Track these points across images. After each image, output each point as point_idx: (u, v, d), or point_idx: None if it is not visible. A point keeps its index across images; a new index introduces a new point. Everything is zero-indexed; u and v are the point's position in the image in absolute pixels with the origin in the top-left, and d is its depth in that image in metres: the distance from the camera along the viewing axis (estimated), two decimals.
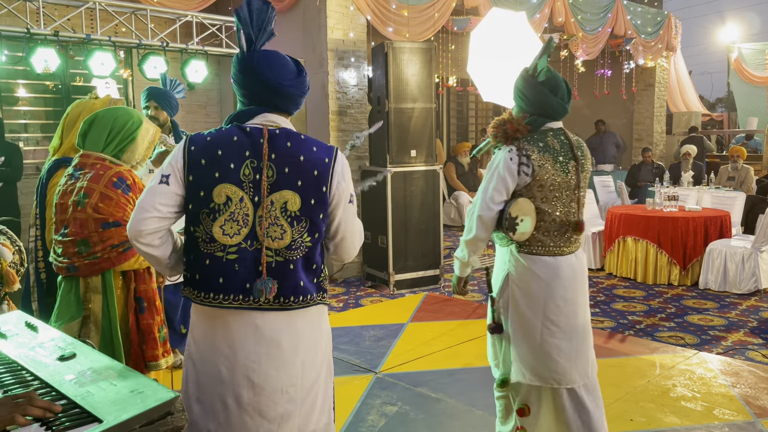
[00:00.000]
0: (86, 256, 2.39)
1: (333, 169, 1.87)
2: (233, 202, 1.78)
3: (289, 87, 1.88)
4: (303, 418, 1.89)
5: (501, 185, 2.49)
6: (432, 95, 6.43)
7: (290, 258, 1.82)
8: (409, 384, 3.97)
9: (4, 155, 5.84)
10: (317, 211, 1.84)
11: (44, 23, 4.73)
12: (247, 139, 1.82)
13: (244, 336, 1.82)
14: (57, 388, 1.52)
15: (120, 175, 2.46)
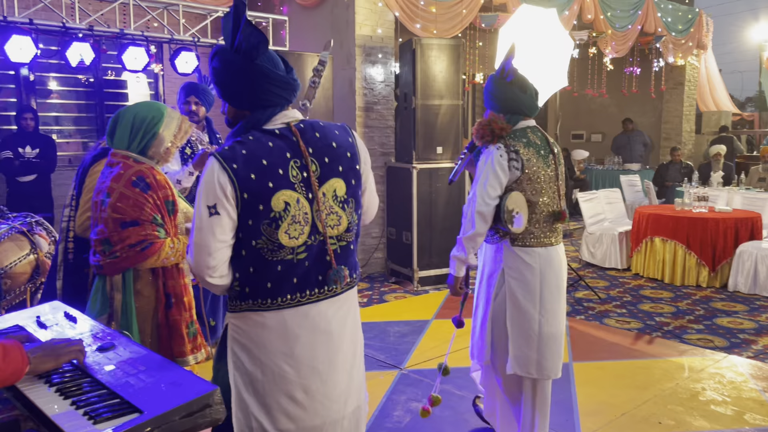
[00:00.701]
0: (108, 255, 2.41)
1: (357, 146, 1.95)
2: (292, 206, 1.79)
3: (293, 77, 1.87)
4: (356, 391, 2.00)
5: (495, 181, 2.61)
6: (459, 92, 6.41)
7: (349, 240, 1.92)
8: (435, 381, 3.97)
9: (39, 147, 5.97)
10: (358, 189, 1.94)
11: (79, 18, 4.81)
12: (282, 141, 1.81)
13: (301, 331, 1.84)
14: (97, 378, 1.56)
15: (140, 173, 2.46)
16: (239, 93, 1.82)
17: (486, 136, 2.68)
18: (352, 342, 1.98)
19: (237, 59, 1.79)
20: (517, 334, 2.73)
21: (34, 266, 3.19)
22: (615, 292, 6.29)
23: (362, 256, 6.91)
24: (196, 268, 1.78)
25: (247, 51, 1.77)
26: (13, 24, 4.54)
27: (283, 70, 1.86)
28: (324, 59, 2.42)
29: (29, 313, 2.06)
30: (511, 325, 2.74)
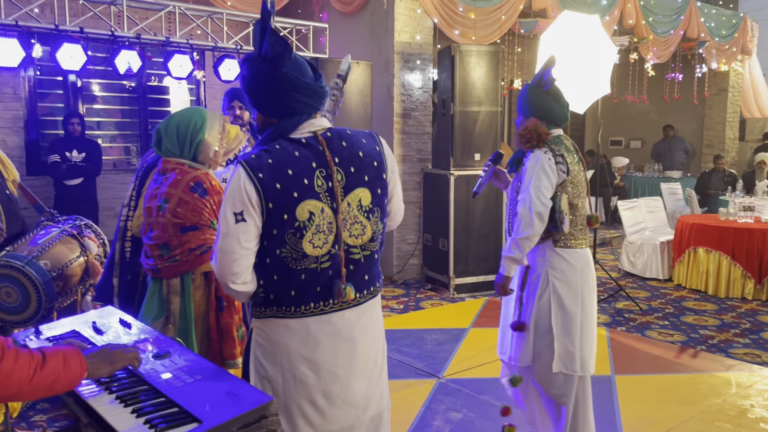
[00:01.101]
0: (167, 259, 2.46)
1: (384, 154, 1.93)
2: (316, 215, 1.79)
3: (321, 85, 1.87)
4: (378, 398, 2.01)
5: (547, 182, 2.71)
6: (498, 98, 6.37)
7: (374, 249, 1.92)
8: (474, 391, 3.95)
9: (85, 152, 6.13)
10: (384, 199, 1.93)
11: (127, 26, 4.92)
12: (308, 151, 1.81)
13: (323, 338, 1.86)
14: (155, 386, 1.59)
15: (197, 179, 2.50)
16: (266, 101, 1.83)
17: (532, 140, 2.78)
18: (374, 349, 1.98)
19: (264, 67, 1.79)
20: (563, 333, 2.81)
21: (84, 268, 3.25)
22: (657, 303, 6.16)
23: (398, 262, 6.91)
24: (219, 274, 1.79)
25: (273, 59, 1.78)
26: (64, 32, 4.68)
27: (311, 77, 1.85)
28: (341, 74, 2.42)
29: (85, 318, 2.11)
30: (555, 324, 2.81)
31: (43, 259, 2.99)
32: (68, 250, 3.16)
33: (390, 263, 6.92)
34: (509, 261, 2.79)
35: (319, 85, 1.87)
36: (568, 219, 2.78)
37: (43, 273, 2.93)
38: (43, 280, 2.90)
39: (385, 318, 5.57)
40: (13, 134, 6.47)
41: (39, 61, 5.81)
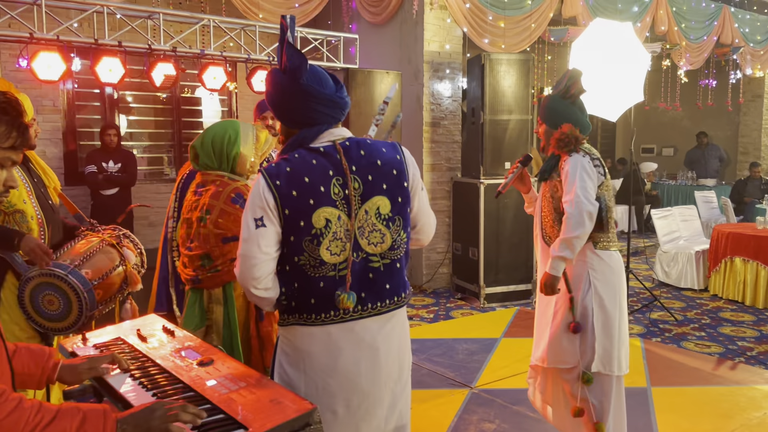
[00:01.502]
0: (209, 269, 2.50)
1: (406, 163, 1.93)
2: (333, 223, 1.81)
3: (342, 96, 1.91)
4: (400, 411, 2.00)
5: (591, 184, 2.78)
6: (528, 107, 6.35)
7: (395, 258, 1.90)
8: (507, 401, 3.91)
9: (121, 162, 6.26)
10: (405, 207, 1.92)
11: (163, 39, 5.03)
12: (325, 159, 1.84)
13: (345, 346, 1.87)
14: (201, 393, 1.61)
15: (238, 191, 2.54)
16: (288, 112, 1.88)
17: (570, 144, 2.85)
18: (398, 361, 1.97)
19: (284, 79, 1.85)
20: (603, 334, 2.85)
21: (123, 277, 3.31)
22: (692, 313, 6.04)
23: (427, 271, 6.91)
24: (241, 278, 1.81)
25: (292, 71, 1.83)
26: (103, 46, 4.80)
27: (331, 88, 1.88)
28: (386, 100, 2.46)
29: (130, 326, 2.16)
30: (597, 325, 2.85)
31: (85, 268, 3.06)
32: (108, 260, 3.22)
33: (419, 272, 6.91)
34: (559, 261, 2.81)
35: (339, 96, 1.90)
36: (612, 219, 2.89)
37: (85, 282, 2.99)
38: (84, 288, 2.97)
39: (415, 327, 5.56)
40: (52, 145, 6.65)
41: (77, 74, 5.97)
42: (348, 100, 1.94)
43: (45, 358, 1.64)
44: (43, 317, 3.01)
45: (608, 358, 2.86)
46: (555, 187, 2.93)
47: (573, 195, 2.76)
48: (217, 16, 5.48)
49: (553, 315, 3.00)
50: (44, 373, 1.62)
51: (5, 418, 1.17)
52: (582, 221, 2.73)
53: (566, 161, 2.85)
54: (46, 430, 1.20)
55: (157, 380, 1.70)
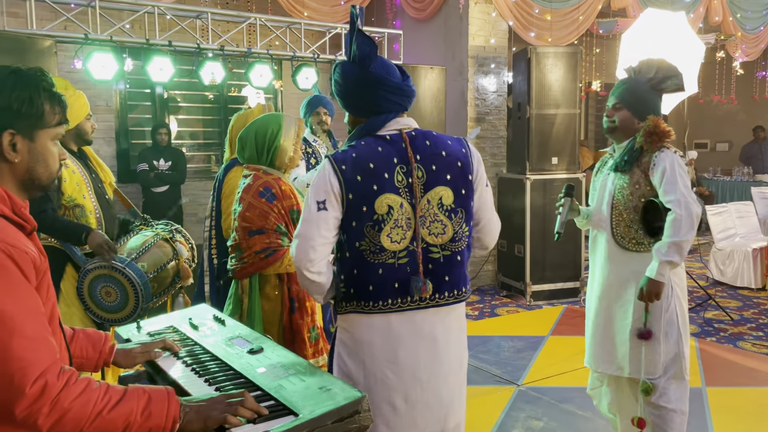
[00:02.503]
0: (239, 261, 2.57)
1: (471, 157, 1.93)
2: (395, 210, 1.83)
3: (409, 85, 1.93)
4: (458, 408, 1.99)
5: (688, 182, 2.60)
6: (576, 101, 6.22)
7: (456, 250, 1.89)
8: (554, 399, 3.84)
9: (171, 160, 6.42)
10: (468, 200, 1.90)
11: (211, 38, 5.13)
12: (391, 147, 1.86)
13: (405, 335, 1.87)
14: (251, 380, 1.63)
15: (266, 184, 2.57)
16: (356, 101, 1.92)
17: (663, 139, 2.68)
18: (458, 356, 1.95)
19: (353, 69, 1.89)
20: (685, 341, 2.74)
21: (176, 271, 3.40)
22: (749, 313, 5.82)
23: (471, 268, 6.85)
24: (297, 259, 1.84)
25: (361, 59, 1.86)
26: (154, 46, 4.92)
27: (399, 77, 1.91)
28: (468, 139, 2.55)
29: (182, 315, 2.20)
30: (683, 331, 2.74)
31: (141, 261, 3.15)
32: (162, 254, 3.31)
33: None
34: (667, 266, 2.58)
35: (406, 84, 1.92)
36: None
37: (141, 274, 3.08)
38: (141, 281, 3.05)
39: None
40: (105, 144, 6.86)
41: (129, 74, 6.15)
42: (414, 89, 1.95)
43: (101, 342, 1.69)
44: (100, 308, 3.11)
45: (686, 363, 2.75)
46: (638, 182, 2.70)
47: (680, 195, 2.56)
48: (263, 15, 5.55)
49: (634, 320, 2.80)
50: (101, 357, 1.68)
51: (76, 398, 1.20)
52: (693, 223, 2.55)
53: (659, 157, 2.65)
54: (114, 409, 1.23)
55: (209, 367, 1.73)
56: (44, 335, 1.22)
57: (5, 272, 1.19)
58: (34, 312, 1.22)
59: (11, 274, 1.20)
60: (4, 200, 1.29)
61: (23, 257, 1.23)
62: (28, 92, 1.30)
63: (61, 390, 1.19)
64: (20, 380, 1.15)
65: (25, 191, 1.36)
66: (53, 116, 1.35)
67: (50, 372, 1.19)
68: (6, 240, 1.22)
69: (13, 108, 1.29)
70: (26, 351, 1.17)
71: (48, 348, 1.22)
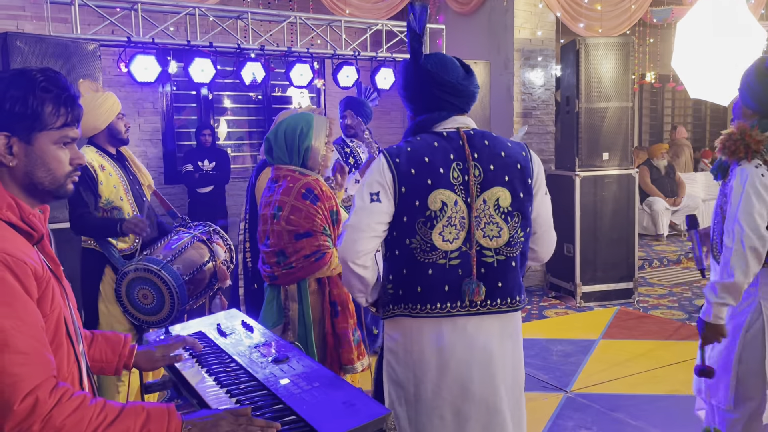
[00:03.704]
0: (283, 266, 2.48)
1: (532, 161, 1.88)
2: (448, 207, 1.77)
3: (467, 85, 1.87)
4: (514, 425, 1.89)
5: (762, 207, 2.11)
6: (629, 93, 5.94)
7: (511, 255, 1.81)
8: (605, 408, 3.66)
9: (215, 161, 6.47)
10: (526, 204, 1.84)
11: (252, 39, 5.12)
12: (447, 143, 1.81)
13: (458, 345, 1.79)
14: (273, 392, 1.56)
15: (308, 186, 2.50)
16: (411, 96, 1.90)
17: (738, 152, 2.20)
18: (513, 371, 1.86)
19: (409, 64, 1.88)
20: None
21: (213, 273, 3.38)
22: None
23: None
24: (343, 250, 1.79)
25: (413, 54, 1.85)
26: (195, 48, 4.94)
27: (457, 75, 1.85)
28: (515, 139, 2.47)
29: (211, 320, 2.16)
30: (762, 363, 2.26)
31: (177, 263, 3.13)
32: (199, 255, 3.29)
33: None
34: (722, 308, 2.18)
35: (464, 83, 1.85)
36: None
37: (177, 277, 3.06)
38: (177, 283, 3.03)
39: None
40: (152, 146, 6.98)
41: (174, 77, 6.22)
42: (475, 90, 1.90)
43: (121, 345, 1.66)
44: (138, 310, 3.11)
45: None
46: (724, 196, 2.28)
47: (734, 224, 2.13)
48: (303, 13, 5.51)
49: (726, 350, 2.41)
50: (121, 360, 1.64)
51: (68, 417, 1.15)
52: (744, 263, 2.10)
53: (733, 171, 2.23)
54: (109, 428, 1.18)
55: (232, 377, 1.67)
56: (39, 350, 1.17)
57: (1, 283, 1.15)
58: (30, 325, 1.17)
59: (7, 286, 1.15)
60: (12, 208, 1.25)
61: (22, 267, 1.18)
62: (22, 92, 1.25)
63: (53, 407, 1.14)
64: (9, 396, 1.11)
65: (32, 197, 1.31)
66: (55, 118, 1.28)
67: (42, 388, 1.14)
68: (5, 249, 1.17)
69: (5, 108, 1.24)
70: (17, 366, 1.12)
71: (42, 363, 1.17)
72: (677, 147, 9.94)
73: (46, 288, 1.26)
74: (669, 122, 11.13)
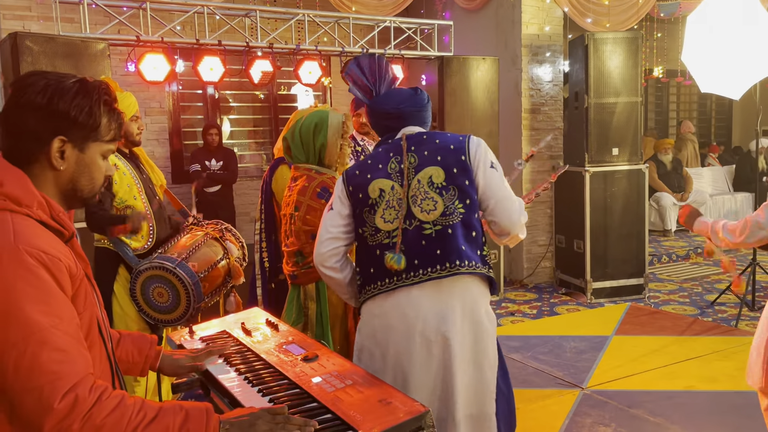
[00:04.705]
0: (302, 265, 2.46)
1: (468, 143, 2.03)
2: (386, 192, 2.00)
3: (406, 107, 2.10)
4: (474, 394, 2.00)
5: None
6: (638, 88, 5.92)
7: (447, 224, 1.96)
8: (622, 404, 3.63)
9: (222, 160, 6.44)
10: (462, 178, 1.98)
11: (260, 37, 5.09)
12: (389, 146, 2.09)
13: (407, 313, 1.97)
14: (307, 391, 1.53)
15: (323, 185, 2.48)
16: (376, 130, 2.23)
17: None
18: (473, 339, 1.97)
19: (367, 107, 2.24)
20: None
21: (227, 270, 3.35)
22: None
23: (528, 264, 6.63)
24: (315, 256, 2.08)
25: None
26: (204, 46, 4.92)
27: (398, 101, 2.11)
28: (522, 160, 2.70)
29: (235, 319, 2.14)
30: None
31: (191, 261, 3.11)
32: (213, 253, 3.27)
33: (520, 266, 6.65)
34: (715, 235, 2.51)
35: (405, 105, 2.10)
36: None
37: (192, 274, 3.04)
38: (192, 281, 3.01)
39: (518, 324, 5.33)
40: (159, 145, 6.95)
41: (180, 76, 6.19)
42: (421, 106, 2.12)
43: (148, 346, 1.64)
44: (153, 309, 3.09)
45: None
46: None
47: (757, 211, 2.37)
48: (311, 11, 5.48)
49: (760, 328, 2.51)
50: (147, 361, 1.63)
51: (108, 415, 1.13)
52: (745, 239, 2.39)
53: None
54: (149, 427, 1.15)
55: (262, 376, 1.65)
56: (77, 347, 1.15)
57: (38, 280, 1.13)
58: (67, 322, 1.15)
59: (44, 283, 1.14)
60: (42, 206, 1.24)
61: (57, 265, 1.17)
62: (89, 102, 1.28)
63: (93, 405, 1.11)
64: (49, 394, 1.08)
65: (65, 202, 1.32)
66: (108, 131, 1.32)
67: (82, 386, 1.12)
68: (40, 247, 1.16)
69: (70, 115, 1.26)
70: (56, 364, 1.10)
71: (81, 361, 1.15)
72: (681, 141, 9.91)
73: (80, 286, 1.24)
74: (675, 117, 11.09)
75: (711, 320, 5.24)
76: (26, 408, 1.10)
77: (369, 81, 2.15)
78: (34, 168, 1.26)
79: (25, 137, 1.25)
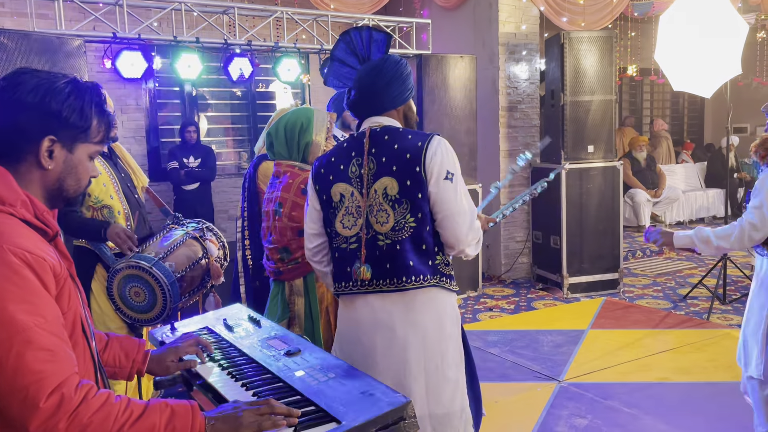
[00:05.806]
0: (288, 261, 2.46)
1: (426, 150, 1.92)
2: (346, 198, 1.99)
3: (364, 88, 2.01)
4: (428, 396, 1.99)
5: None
6: (612, 86, 6.02)
7: (397, 239, 1.94)
8: (598, 396, 3.71)
9: (200, 158, 6.41)
10: (415, 191, 1.92)
11: (238, 34, 5.08)
12: (353, 142, 2.02)
13: (364, 319, 2.00)
14: (289, 384, 1.56)
15: (307, 181, 2.49)
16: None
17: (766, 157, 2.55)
18: (422, 347, 1.96)
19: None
20: None
21: (206, 270, 3.34)
22: None
23: (506, 260, 6.71)
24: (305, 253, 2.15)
25: None
26: (182, 43, 4.89)
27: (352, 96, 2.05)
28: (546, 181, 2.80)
29: (217, 315, 2.14)
30: None
31: (169, 260, 3.09)
32: (191, 253, 3.26)
33: (498, 262, 6.72)
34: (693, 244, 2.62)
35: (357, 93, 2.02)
36: None
37: (169, 274, 3.03)
38: (168, 281, 3.00)
39: (496, 319, 5.40)
40: (136, 143, 6.88)
41: (158, 73, 6.14)
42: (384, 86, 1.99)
43: (135, 350, 1.63)
44: (130, 308, 3.08)
45: None
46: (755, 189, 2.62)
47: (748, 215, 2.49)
48: (290, 8, 5.48)
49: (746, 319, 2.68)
50: (134, 366, 1.63)
51: (95, 413, 1.13)
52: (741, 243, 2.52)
53: (763, 171, 2.54)
54: (135, 425, 1.16)
55: (245, 370, 1.66)
56: (62, 347, 1.16)
57: (22, 280, 1.13)
58: (52, 322, 1.16)
59: (28, 283, 1.14)
60: (26, 205, 1.24)
61: (41, 264, 1.17)
62: (81, 103, 1.28)
63: (79, 404, 1.12)
64: (35, 394, 1.09)
65: (49, 201, 1.32)
66: (98, 133, 1.32)
67: (67, 385, 1.12)
68: (24, 246, 1.16)
69: (62, 115, 1.26)
70: (42, 363, 1.11)
71: (66, 360, 1.15)
72: (655, 138, 10.10)
73: (64, 285, 1.25)
74: (648, 115, 11.29)
75: (684, 313, 5.36)
76: (12, 407, 1.10)
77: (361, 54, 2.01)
78: (20, 166, 1.26)
79: (13, 135, 1.24)
